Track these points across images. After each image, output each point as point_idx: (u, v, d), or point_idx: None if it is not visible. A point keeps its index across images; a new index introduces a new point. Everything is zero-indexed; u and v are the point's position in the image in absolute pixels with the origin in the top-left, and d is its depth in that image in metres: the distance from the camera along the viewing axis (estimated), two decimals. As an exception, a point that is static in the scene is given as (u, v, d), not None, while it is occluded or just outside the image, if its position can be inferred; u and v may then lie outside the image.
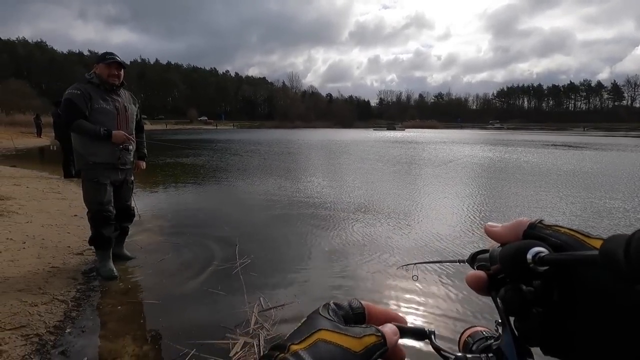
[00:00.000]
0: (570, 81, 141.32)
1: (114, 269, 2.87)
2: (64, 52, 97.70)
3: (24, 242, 3.42)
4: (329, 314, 0.31)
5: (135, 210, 3.36)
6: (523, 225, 0.30)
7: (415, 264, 1.04)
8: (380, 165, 11.08)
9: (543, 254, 0.26)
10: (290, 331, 0.30)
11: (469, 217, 4.89)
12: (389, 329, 0.30)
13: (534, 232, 0.30)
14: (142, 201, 5.19)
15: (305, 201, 5.76)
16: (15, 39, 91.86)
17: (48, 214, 4.53)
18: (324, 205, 5.49)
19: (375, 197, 6.24)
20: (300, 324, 0.30)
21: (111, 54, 2.85)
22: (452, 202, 5.78)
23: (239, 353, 1.96)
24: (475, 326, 0.37)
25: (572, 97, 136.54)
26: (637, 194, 6.45)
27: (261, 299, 2.53)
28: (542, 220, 0.30)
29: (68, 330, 2.15)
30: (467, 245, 3.72)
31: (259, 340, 2.05)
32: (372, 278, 2.93)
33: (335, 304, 0.32)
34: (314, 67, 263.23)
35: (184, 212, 5.09)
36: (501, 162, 11.90)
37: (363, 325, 0.30)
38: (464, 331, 0.37)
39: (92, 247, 3.00)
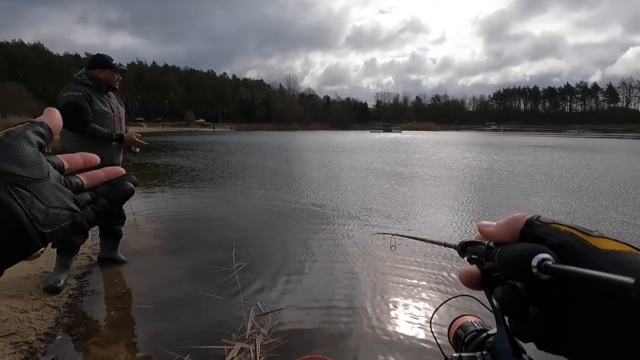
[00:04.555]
0: (567, 83, 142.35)
1: (62, 283, 2.62)
2: (60, 54, 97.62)
3: (16, 246, 3.36)
4: None
5: (132, 214, 3.30)
6: (519, 222, 0.28)
7: (393, 234, 1.01)
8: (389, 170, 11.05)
9: (550, 263, 0.24)
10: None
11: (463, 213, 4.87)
12: None
13: (532, 230, 0.27)
14: (137, 204, 5.13)
15: (303, 205, 5.71)
16: (11, 41, 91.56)
17: (42, 217, 4.46)
18: (322, 209, 5.45)
19: (373, 201, 6.21)
20: None
21: (110, 58, 2.82)
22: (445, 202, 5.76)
23: (235, 359, 1.91)
24: (465, 315, 0.36)
25: (568, 99, 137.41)
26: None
27: (258, 303, 2.48)
28: (539, 217, 0.28)
29: (59, 337, 2.09)
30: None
31: (256, 346, 2.00)
32: (371, 281, 2.89)
33: None
34: (312, 70, 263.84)
35: (179, 215, 5.03)
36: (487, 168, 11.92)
37: None
38: (454, 320, 0.36)
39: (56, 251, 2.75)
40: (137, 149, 3.00)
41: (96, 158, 0.34)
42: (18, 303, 2.36)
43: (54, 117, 0.31)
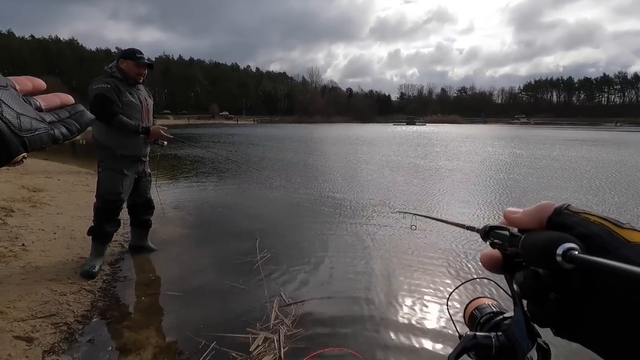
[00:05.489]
0: (604, 73, 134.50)
1: (97, 269, 2.74)
2: (92, 49, 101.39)
3: (55, 233, 3.56)
4: None
5: (160, 204, 3.41)
6: (547, 210, 0.28)
7: (415, 214, 1.00)
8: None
9: (575, 253, 0.23)
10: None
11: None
12: None
13: (560, 219, 0.27)
14: (164, 195, 5.30)
15: (327, 197, 5.72)
16: (48, 37, 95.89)
17: (77, 205, 4.69)
18: (346, 201, 5.44)
19: (399, 193, 6.14)
20: None
21: (140, 52, 2.85)
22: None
23: (260, 348, 1.95)
24: (482, 297, 0.36)
25: (605, 90, 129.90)
26: None
27: (282, 293, 2.52)
28: (568, 206, 0.28)
29: (94, 319, 2.21)
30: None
31: (279, 336, 2.04)
32: (391, 266, 2.87)
33: None
34: (334, 62, 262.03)
35: (205, 205, 5.17)
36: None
37: None
38: (471, 302, 0.37)
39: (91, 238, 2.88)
40: (165, 142, 3.07)
41: (42, 83, 0.35)
42: (57, 286, 2.50)
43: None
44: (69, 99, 0.36)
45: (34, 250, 3.09)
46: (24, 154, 0.29)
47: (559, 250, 0.24)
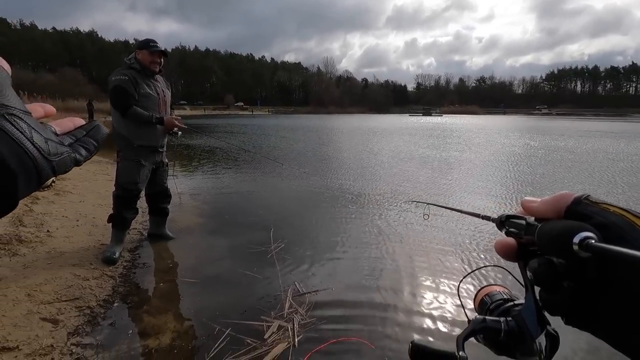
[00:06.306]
0: (632, 62, 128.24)
1: (117, 255, 2.82)
2: (111, 40, 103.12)
3: (77, 220, 3.68)
4: None
5: (177, 193, 3.47)
6: (566, 200, 0.28)
7: (428, 204, 1.00)
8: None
9: (592, 241, 0.23)
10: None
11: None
12: None
13: (579, 209, 0.27)
14: (181, 184, 5.40)
15: (341, 188, 5.72)
16: (69, 29, 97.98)
17: (98, 194, 4.83)
18: (360, 192, 5.43)
19: (413, 183, 6.08)
20: None
21: (154, 41, 2.90)
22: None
23: (274, 335, 1.99)
24: (493, 285, 0.37)
25: (634, 79, 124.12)
26: None
27: (296, 283, 2.55)
28: (588, 196, 0.27)
29: (116, 304, 2.29)
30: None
31: (294, 324, 2.07)
32: (404, 255, 2.86)
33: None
34: (350, 52, 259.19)
35: (220, 195, 5.25)
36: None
37: None
38: (481, 289, 0.37)
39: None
40: (179, 132, 3.11)
41: (53, 109, 0.35)
42: (80, 271, 2.60)
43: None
44: (80, 121, 0.36)
45: (58, 237, 3.21)
46: (52, 178, 0.29)
47: (576, 239, 0.23)
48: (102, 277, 2.57)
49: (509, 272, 0.39)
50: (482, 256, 3.08)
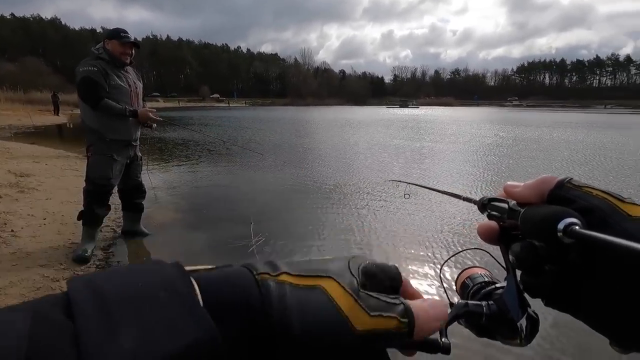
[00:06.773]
0: (597, 55, 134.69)
1: (90, 254, 2.70)
2: (77, 28, 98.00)
3: (45, 219, 3.49)
4: (357, 271, 0.25)
5: (152, 188, 3.36)
6: (549, 183, 0.28)
7: (408, 183, 0.98)
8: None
9: (576, 227, 0.23)
10: (299, 259, 0.25)
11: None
12: (428, 308, 0.24)
13: (561, 192, 0.27)
14: (156, 179, 5.23)
15: (320, 179, 5.70)
16: (30, 16, 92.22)
17: (67, 190, 4.60)
18: (339, 182, 5.43)
19: (392, 176, 6.15)
20: (315, 259, 0.26)
21: (125, 31, 2.76)
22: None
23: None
24: (474, 267, 0.37)
25: (598, 72, 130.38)
26: None
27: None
28: (571, 179, 0.27)
29: (89, 305, 2.19)
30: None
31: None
32: (388, 247, 2.90)
33: (371, 265, 0.26)
34: (327, 44, 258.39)
35: (198, 189, 5.12)
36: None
37: (392, 296, 0.24)
38: (463, 271, 0.37)
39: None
40: (154, 125, 3.00)
41: None
42: (49, 272, 2.47)
43: None
44: None
45: (24, 236, 3.03)
46: None
47: (560, 226, 0.23)
48: (73, 278, 2.45)
49: (491, 254, 0.39)
50: (464, 237, 3.17)
